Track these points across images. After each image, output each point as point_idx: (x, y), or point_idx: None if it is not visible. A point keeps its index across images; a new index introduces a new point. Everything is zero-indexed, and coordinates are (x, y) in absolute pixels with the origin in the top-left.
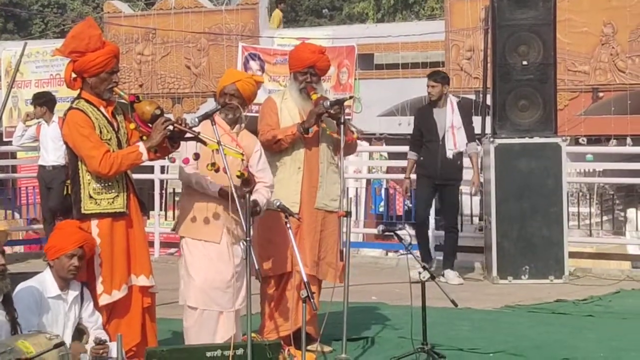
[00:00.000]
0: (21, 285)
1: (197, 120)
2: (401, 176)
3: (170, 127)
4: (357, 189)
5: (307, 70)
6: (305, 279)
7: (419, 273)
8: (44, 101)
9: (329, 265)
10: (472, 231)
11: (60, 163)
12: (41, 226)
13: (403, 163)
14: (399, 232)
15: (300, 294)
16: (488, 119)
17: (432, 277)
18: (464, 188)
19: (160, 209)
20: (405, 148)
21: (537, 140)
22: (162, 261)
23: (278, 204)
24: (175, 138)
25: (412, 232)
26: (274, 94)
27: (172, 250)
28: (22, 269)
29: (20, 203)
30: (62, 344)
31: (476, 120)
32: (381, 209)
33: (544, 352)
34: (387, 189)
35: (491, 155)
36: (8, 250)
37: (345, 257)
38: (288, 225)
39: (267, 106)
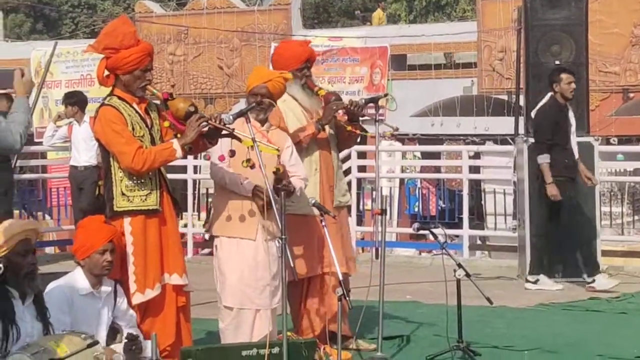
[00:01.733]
0: (52, 285)
1: (231, 117)
2: (434, 176)
3: (205, 124)
4: (390, 188)
5: (305, 65)
6: (341, 278)
7: (454, 271)
8: (75, 101)
9: (348, 258)
10: (506, 230)
11: (92, 163)
12: (72, 227)
13: (436, 163)
14: (434, 230)
15: (336, 292)
16: (521, 119)
17: (468, 275)
18: (497, 187)
19: (193, 210)
20: (437, 148)
21: None
22: (195, 262)
23: (314, 202)
24: (210, 135)
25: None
26: None
27: (206, 251)
28: (54, 270)
29: (50, 204)
30: (96, 343)
31: (509, 120)
32: (415, 209)
33: (578, 350)
34: (420, 189)
35: (524, 154)
36: (39, 252)
37: (380, 255)
38: (323, 224)
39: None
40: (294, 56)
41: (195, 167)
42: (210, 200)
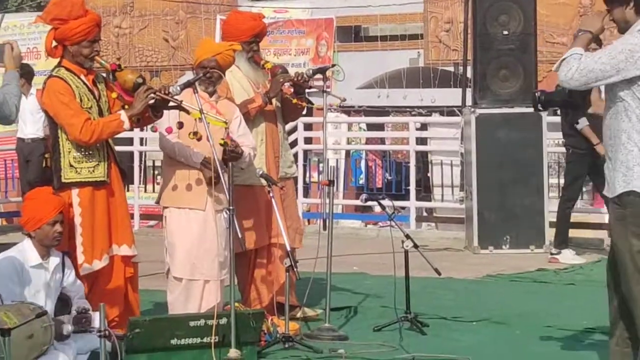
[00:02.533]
0: (1, 256)
1: (178, 88)
2: (381, 147)
3: (153, 96)
4: (337, 160)
5: (254, 40)
6: (288, 248)
7: (402, 242)
8: (22, 73)
9: (295, 231)
10: (453, 202)
11: (39, 136)
12: (19, 199)
13: (382, 134)
14: (382, 201)
15: (284, 263)
16: (468, 91)
17: (416, 246)
18: (444, 159)
19: (140, 182)
20: (384, 119)
21: (518, 110)
22: (142, 233)
23: (261, 172)
24: (157, 107)
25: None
26: None
27: (152, 222)
28: (1, 241)
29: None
30: (44, 313)
31: (456, 92)
32: (361, 182)
33: (527, 321)
34: (367, 161)
35: (472, 125)
36: None
37: (328, 227)
38: (271, 195)
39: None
40: (245, 29)
41: (141, 139)
42: (157, 172)
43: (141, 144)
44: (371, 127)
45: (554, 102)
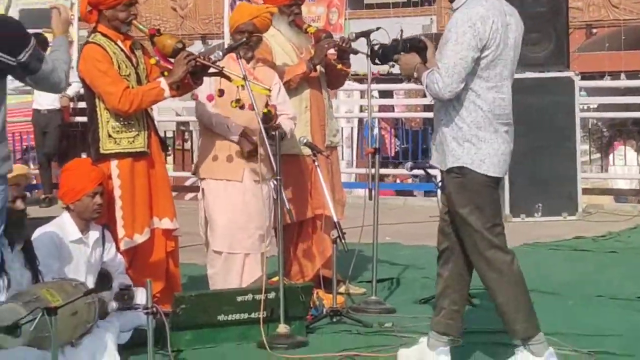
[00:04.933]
0: (40, 231)
1: (220, 54)
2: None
3: (193, 62)
4: (351, 128)
5: (294, 2)
6: (335, 220)
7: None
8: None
9: (338, 202)
10: None
11: (56, 107)
12: (36, 171)
13: (393, 101)
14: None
15: (331, 235)
16: None
17: None
18: None
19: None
20: (396, 86)
21: (549, 74)
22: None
23: (305, 141)
24: (197, 73)
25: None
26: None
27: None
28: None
29: (14, 148)
30: (91, 291)
31: None
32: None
33: (576, 290)
34: (379, 129)
35: None
36: None
37: (374, 197)
38: (316, 164)
39: (262, 49)
40: None
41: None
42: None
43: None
44: (384, 94)
45: (390, 57)
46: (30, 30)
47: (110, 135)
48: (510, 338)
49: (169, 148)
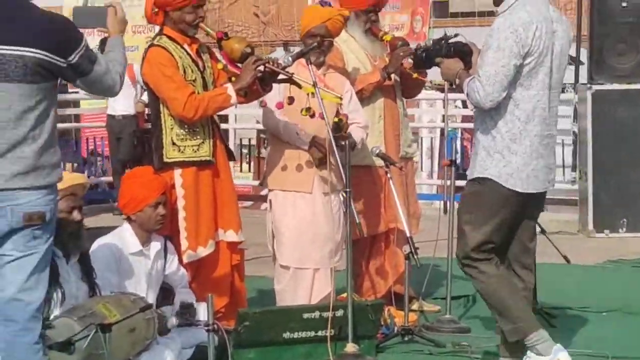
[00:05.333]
0: (98, 242)
1: (290, 59)
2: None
3: (262, 67)
4: (431, 139)
5: (372, 9)
6: (408, 235)
7: None
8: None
9: (413, 216)
10: (565, 183)
11: (130, 112)
12: (110, 179)
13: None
14: None
15: (403, 250)
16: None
17: (543, 231)
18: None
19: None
20: None
21: (637, 86)
22: None
23: (378, 151)
24: (266, 80)
25: None
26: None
27: (247, 203)
28: (93, 224)
29: (87, 154)
30: (149, 306)
31: (569, 69)
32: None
33: None
34: (462, 140)
35: (588, 102)
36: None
37: (449, 211)
38: (389, 176)
39: (333, 55)
40: None
41: (236, 116)
42: (245, 152)
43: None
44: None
45: (434, 62)
46: (83, 30)
47: (174, 143)
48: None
49: (248, 156)
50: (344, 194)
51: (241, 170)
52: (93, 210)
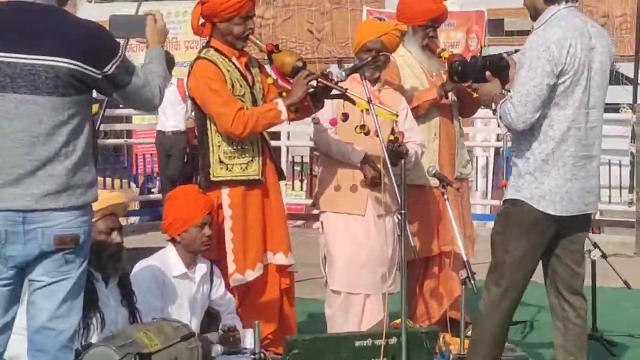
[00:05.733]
0: (140, 265)
1: (344, 74)
2: None
3: (314, 82)
4: (486, 158)
5: (430, 24)
6: (465, 258)
7: (589, 251)
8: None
9: (468, 239)
10: (622, 204)
11: (180, 129)
12: (160, 195)
13: None
14: None
15: (460, 274)
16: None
17: (604, 256)
18: (612, 158)
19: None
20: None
21: None
22: (289, 233)
23: (434, 171)
24: (318, 95)
25: None
26: None
27: (299, 222)
28: (140, 243)
29: (137, 171)
30: (191, 335)
31: (613, 89)
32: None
33: None
34: None
35: None
36: (123, 221)
37: None
38: (446, 197)
39: (389, 70)
40: (421, 10)
41: (288, 133)
42: (298, 169)
43: (288, 139)
44: None
45: (469, 75)
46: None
47: (221, 161)
48: None
49: (301, 174)
50: (399, 216)
51: (293, 189)
52: (143, 228)
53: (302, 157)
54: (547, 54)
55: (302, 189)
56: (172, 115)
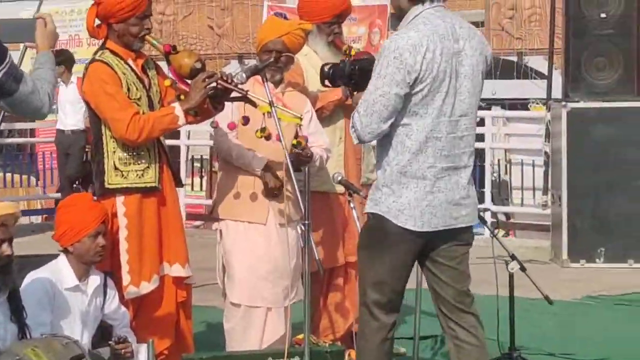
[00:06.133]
0: (30, 277)
1: (244, 76)
2: None
3: (214, 84)
4: None
5: (335, 20)
6: None
7: (507, 263)
8: (62, 60)
9: None
10: (535, 207)
11: (80, 127)
12: (58, 195)
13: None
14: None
15: None
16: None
17: (523, 269)
18: (524, 158)
19: (186, 177)
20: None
21: (616, 104)
22: (188, 235)
23: (340, 178)
24: (218, 98)
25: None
26: None
27: (198, 222)
28: (40, 243)
29: (37, 169)
30: (81, 357)
31: (519, 84)
32: None
33: None
34: None
35: (563, 121)
36: (24, 220)
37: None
38: (352, 205)
39: (293, 71)
40: (325, 7)
41: (188, 131)
42: (198, 165)
43: (188, 138)
44: None
45: (337, 80)
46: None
47: (116, 168)
48: None
49: (200, 171)
50: (302, 227)
51: (192, 189)
52: (42, 227)
53: (201, 155)
54: (398, 62)
55: (201, 189)
56: (72, 114)
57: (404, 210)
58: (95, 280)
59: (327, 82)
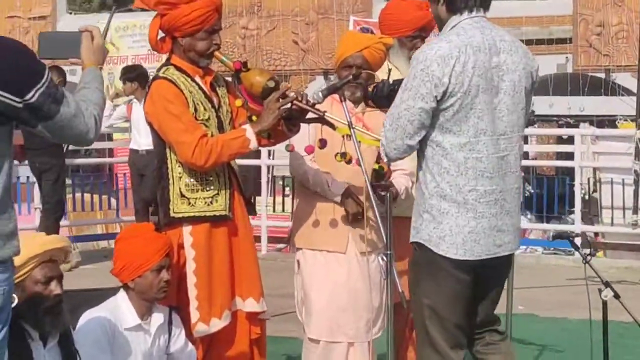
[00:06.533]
0: (86, 316)
1: (321, 95)
2: (542, 163)
3: (288, 105)
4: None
5: (418, 34)
6: None
7: (600, 291)
8: (135, 76)
9: None
10: (625, 226)
11: None
12: (133, 218)
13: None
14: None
15: None
16: None
17: (617, 296)
18: (614, 177)
19: (267, 200)
20: (531, 131)
21: None
22: (270, 258)
23: None
24: (293, 119)
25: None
26: None
27: (281, 245)
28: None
29: (117, 188)
30: None
31: (607, 101)
32: None
33: None
34: None
35: None
36: (104, 244)
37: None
38: None
39: None
40: (408, 20)
41: (269, 150)
42: (280, 183)
43: (269, 157)
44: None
45: (378, 101)
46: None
47: (183, 195)
48: None
49: (283, 191)
50: (384, 257)
51: (274, 210)
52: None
53: (282, 177)
54: (424, 74)
55: (282, 210)
56: (146, 133)
57: (445, 237)
58: (158, 317)
59: (372, 103)
